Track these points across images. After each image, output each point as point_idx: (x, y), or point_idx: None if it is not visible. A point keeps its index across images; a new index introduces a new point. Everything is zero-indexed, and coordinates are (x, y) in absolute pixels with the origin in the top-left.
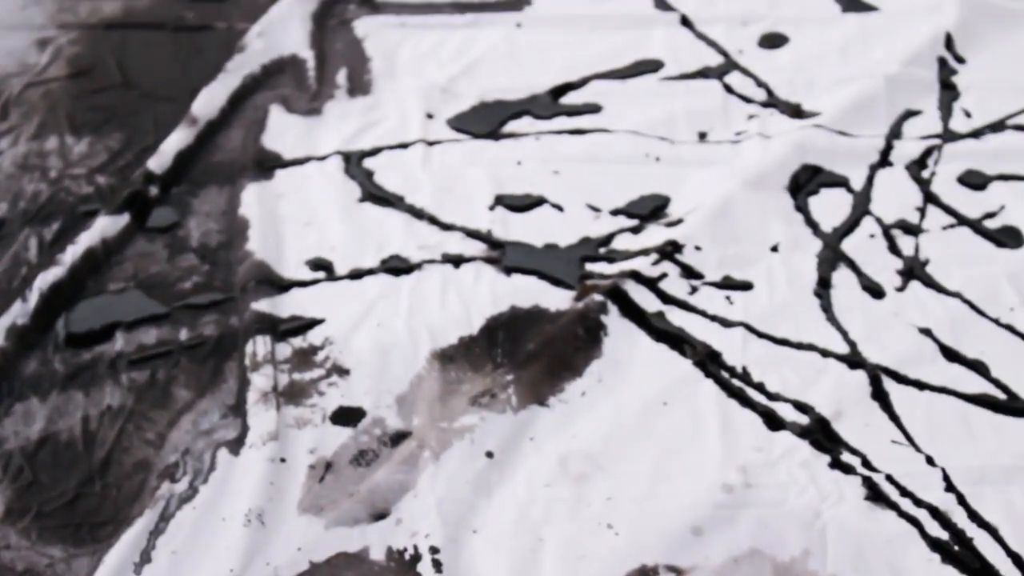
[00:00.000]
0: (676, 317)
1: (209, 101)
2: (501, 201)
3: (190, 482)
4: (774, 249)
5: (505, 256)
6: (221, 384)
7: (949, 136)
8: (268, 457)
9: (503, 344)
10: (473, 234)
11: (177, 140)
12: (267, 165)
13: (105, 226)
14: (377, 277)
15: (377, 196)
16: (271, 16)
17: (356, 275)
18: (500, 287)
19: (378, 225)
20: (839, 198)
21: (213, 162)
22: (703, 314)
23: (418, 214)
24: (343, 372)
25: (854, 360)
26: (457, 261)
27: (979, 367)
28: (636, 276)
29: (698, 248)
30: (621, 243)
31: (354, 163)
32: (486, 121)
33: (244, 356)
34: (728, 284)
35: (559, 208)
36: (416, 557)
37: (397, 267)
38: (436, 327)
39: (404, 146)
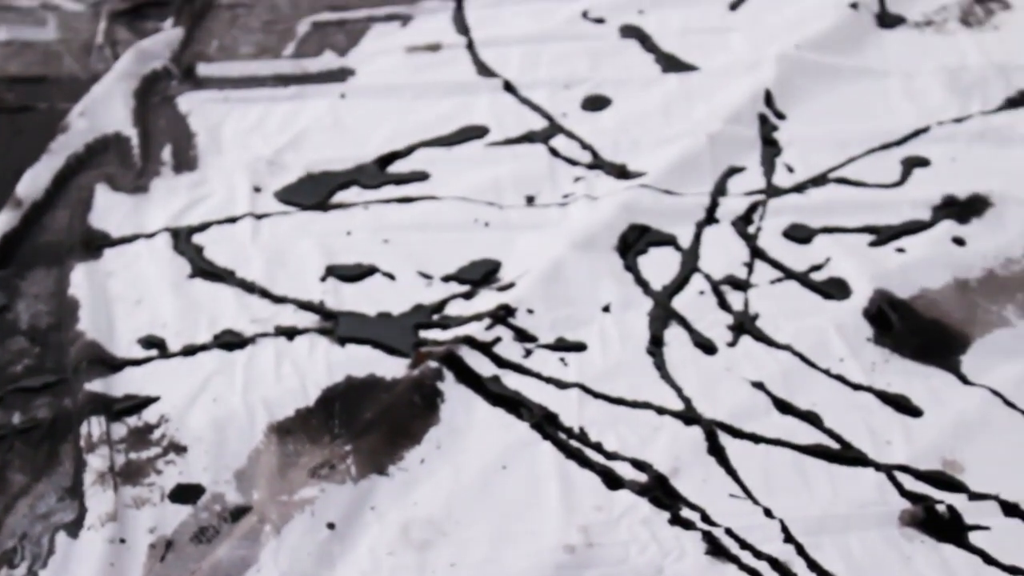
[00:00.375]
0: (512, 381)
1: (33, 182)
2: (332, 272)
3: (29, 567)
4: (606, 309)
5: (339, 327)
6: (57, 467)
7: (773, 191)
8: (107, 538)
9: (340, 415)
10: (306, 306)
11: (2, 223)
12: (95, 244)
13: None
14: (211, 353)
15: (207, 271)
16: (93, 95)
17: (189, 351)
18: (335, 358)
19: (210, 300)
20: (668, 256)
21: (40, 243)
22: (538, 376)
23: (250, 288)
24: (180, 449)
25: (689, 416)
26: (291, 333)
27: (812, 418)
28: (470, 341)
29: (531, 311)
30: (454, 309)
31: (183, 239)
32: (314, 192)
33: (79, 437)
34: (562, 346)
35: (391, 277)
36: None
37: (231, 342)
38: (272, 400)
39: (233, 220)
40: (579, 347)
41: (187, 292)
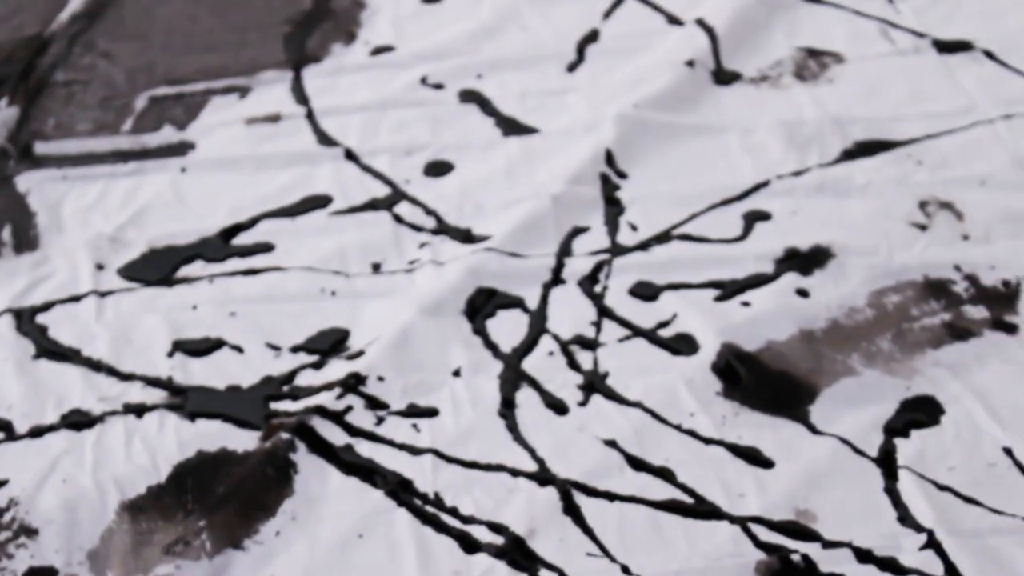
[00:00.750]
0: (365, 449)
1: None
2: (180, 347)
3: None
4: (456, 374)
5: (188, 402)
6: None
7: (617, 250)
8: None
9: (193, 490)
10: (154, 382)
11: None
12: None
13: None
14: (59, 433)
15: (52, 351)
16: None
17: (37, 433)
18: (185, 433)
19: (56, 380)
20: (516, 318)
21: None
22: (391, 444)
23: (96, 366)
24: (31, 532)
25: (544, 477)
26: (140, 411)
27: (665, 474)
28: (322, 411)
29: (381, 379)
30: (304, 380)
31: (26, 320)
32: (158, 268)
33: None
34: (414, 412)
35: (239, 349)
36: None
37: (79, 421)
38: (123, 478)
39: (76, 299)
40: (431, 412)
41: (32, 373)
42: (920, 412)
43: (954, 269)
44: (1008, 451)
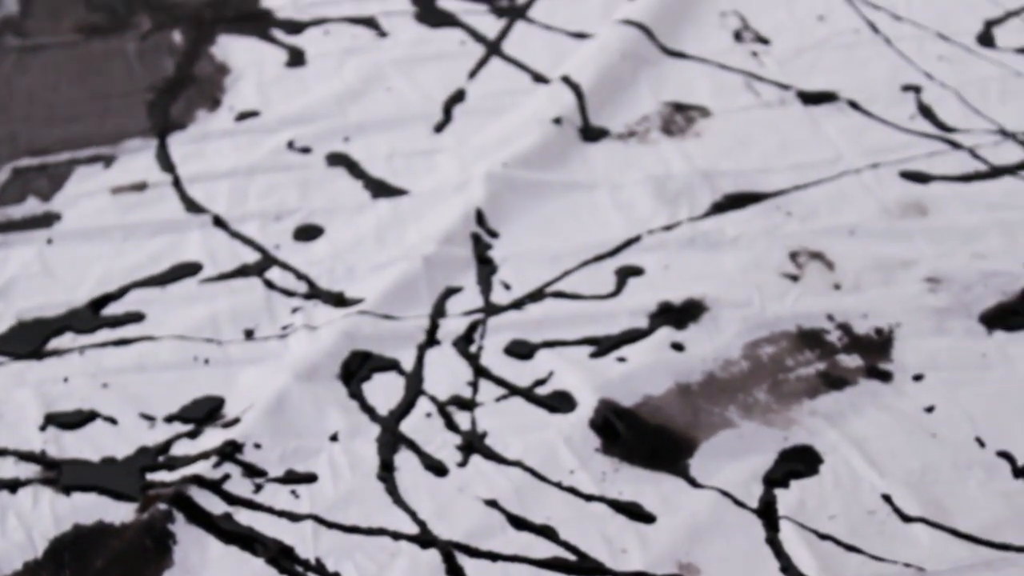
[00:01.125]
0: (244, 517)
1: None
2: (52, 420)
3: None
4: (334, 438)
5: (62, 475)
6: None
7: (491, 309)
8: None
9: (70, 565)
10: (26, 457)
11: None
12: None
13: None
14: None
15: None
16: None
17: None
18: (61, 507)
19: None
20: (392, 381)
21: None
22: (270, 511)
23: None
24: None
25: (425, 539)
26: (13, 486)
27: (547, 532)
28: (199, 480)
29: (258, 446)
30: (180, 449)
31: None
32: (27, 341)
33: None
34: (292, 478)
35: (112, 421)
36: None
37: None
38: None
39: None
40: (310, 478)
41: None
42: (799, 462)
43: (827, 318)
44: (887, 498)
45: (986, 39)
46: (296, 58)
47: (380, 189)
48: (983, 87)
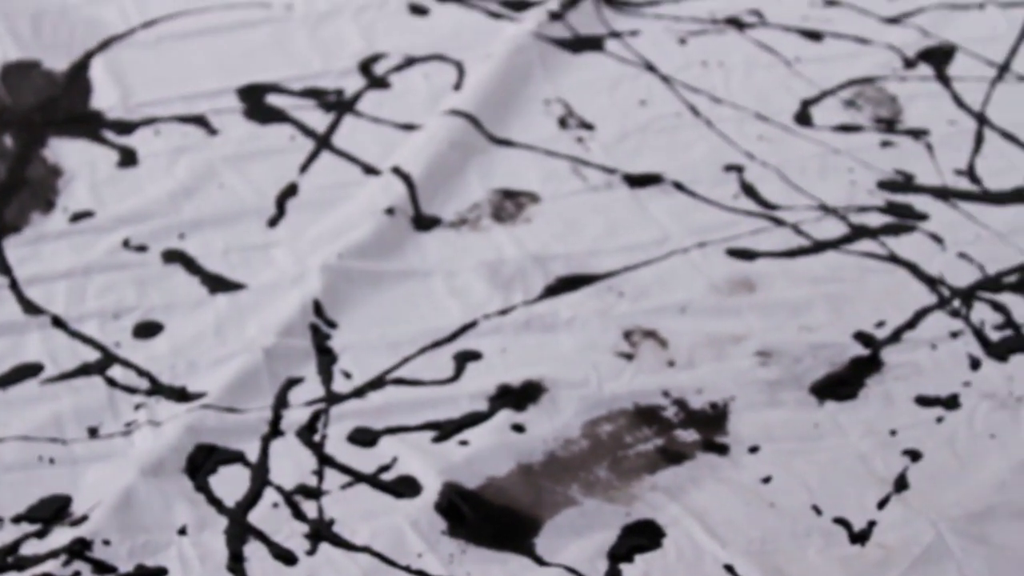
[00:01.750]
0: None
1: None
2: None
3: None
4: (182, 532)
5: None
6: None
7: (333, 398)
8: None
9: None
10: None
11: None
12: None
13: None
14: None
15: None
16: None
17: None
18: None
19: None
20: (238, 473)
21: None
22: None
23: None
24: None
25: None
26: None
27: None
28: None
29: (107, 542)
30: (28, 549)
31: None
32: None
33: None
34: (142, 573)
35: None
36: None
37: None
38: None
39: None
40: (160, 572)
41: None
42: (642, 536)
43: (663, 395)
44: (729, 568)
45: (803, 118)
46: (128, 158)
47: (218, 284)
48: (803, 165)
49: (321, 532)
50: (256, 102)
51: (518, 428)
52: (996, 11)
